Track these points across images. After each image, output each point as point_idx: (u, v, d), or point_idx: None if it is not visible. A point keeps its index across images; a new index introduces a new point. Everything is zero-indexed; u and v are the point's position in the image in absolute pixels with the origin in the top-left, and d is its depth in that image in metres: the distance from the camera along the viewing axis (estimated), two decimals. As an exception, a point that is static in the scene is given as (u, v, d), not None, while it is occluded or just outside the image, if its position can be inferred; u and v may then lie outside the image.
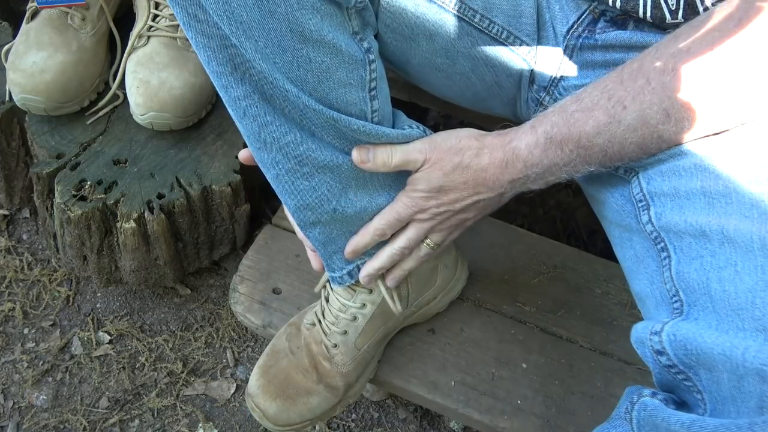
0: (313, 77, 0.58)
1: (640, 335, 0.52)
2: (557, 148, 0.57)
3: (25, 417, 1.04)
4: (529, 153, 0.58)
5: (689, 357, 0.47)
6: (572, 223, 1.27)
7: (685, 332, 0.48)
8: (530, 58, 0.69)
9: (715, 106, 0.52)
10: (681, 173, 0.55)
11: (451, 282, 0.88)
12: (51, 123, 1.01)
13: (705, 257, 0.50)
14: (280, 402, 0.80)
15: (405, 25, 0.67)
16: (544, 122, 0.58)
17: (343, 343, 0.80)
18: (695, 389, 0.48)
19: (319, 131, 0.62)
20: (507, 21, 0.67)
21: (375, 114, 0.63)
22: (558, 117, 0.57)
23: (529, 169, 0.59)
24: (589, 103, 0.55)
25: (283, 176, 0.65)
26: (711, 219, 0.51)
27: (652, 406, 0.49)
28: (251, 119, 0.60)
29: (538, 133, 0.58)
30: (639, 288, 0.59)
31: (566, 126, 0.56)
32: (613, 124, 0.54)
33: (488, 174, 0.61)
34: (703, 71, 0.51)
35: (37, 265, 1.18)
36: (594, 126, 0.55)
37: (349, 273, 0.74)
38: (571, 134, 0.56)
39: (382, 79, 0.64)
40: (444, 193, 0.64)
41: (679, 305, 0.51)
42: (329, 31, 0.57)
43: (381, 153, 0.63)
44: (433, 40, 0.68)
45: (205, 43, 0.56)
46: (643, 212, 0.57)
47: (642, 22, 0.62)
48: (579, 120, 0.55)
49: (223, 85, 0.59)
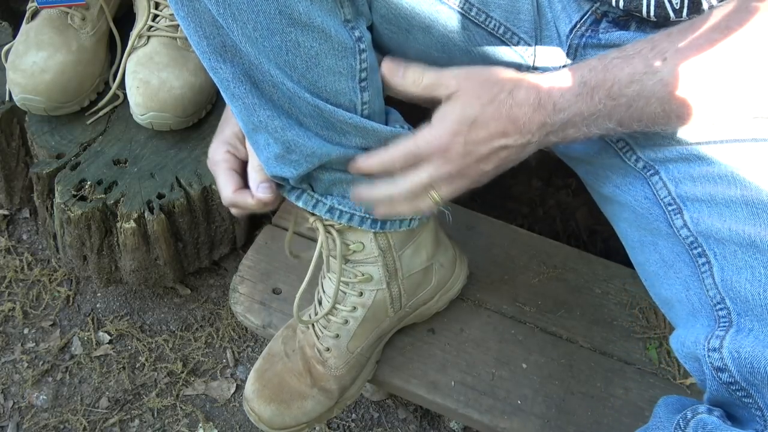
0: (302, 63, 0.57)
1: (692, 350, 0.51)
2: (588, 94, 0.55)
3: (25, 417, 1.04)
4: (561, 95, 0.56)
5: (755, 376, 0.46)
6: (572, 223, 1.27)
7: (750, 350, 0.47)
8: (528, 56, 0.69)
9: (711, 100, 0.51)
10: (716, 180, 0.54)
11: (449, 281, 0.87)
12: (51, 123, 1.01)
13: (757, 268, 0.49)
14: (274, 406, 0.80)
15: (401, 16, 0.66)
16: (583, 66, 0.56)
17: (336, 346, 0.80)
18: (755, 406, 0.47)
19: (307, 120, 0.61)
20: (504, 16, 0.67)
21: (365, 106, 0.63)
22: (597, 62, 0.55)
23: (557, 113, 0.56)
24: (631, 51, 0.54)
25: (272, 161, 0.64)
26: (760, 230, 0.50)
27: (713, 424, 0.47)
28: (240, 102, 0.60)
29: (575, 77, 0.55)
30: (668, 293, 0.58)
31: (603, 71, 0.54)
32: (648, 74, 0.52)
33: (522, 111, 0.56)
34: (700, 68, 0.51)
35: (37, 265, 1.18)
36: (629, 73, 0.53)
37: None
38: (606, 79, 0.54)
39: (374, 72, 0.63)
40: (474, 128, 0.57)
41: (725, 313, 0.50)
42: (319, 15, 0.56)
43: (413, 70, 0.60)
44: (430, 32, 0.67)
45: (196, 24, 0.56)
46: (676, 216, 0.56)
47: (645, 22, 0.61)
48: (617, 66, 0.54)
49: (212, 66, 0.58)
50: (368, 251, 0.72)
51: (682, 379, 0.88)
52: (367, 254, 0.73)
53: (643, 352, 0.91)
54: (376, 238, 0.73)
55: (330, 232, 0.70)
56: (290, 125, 0.60)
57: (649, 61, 0.52)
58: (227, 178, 0.69)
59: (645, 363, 0.90)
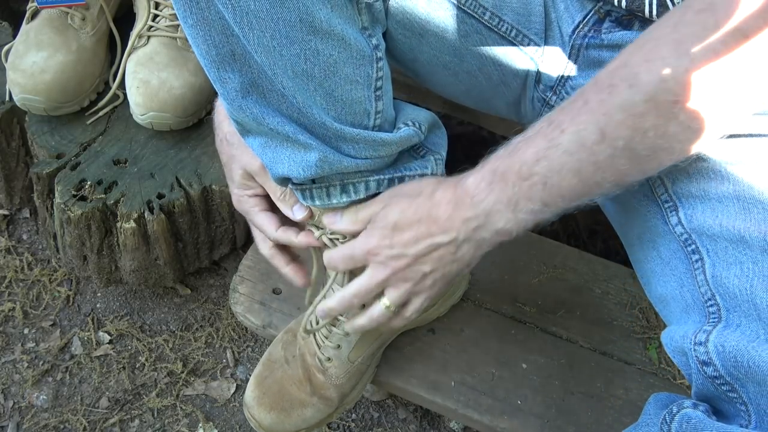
0: (320, 71, 0.56)
1: (680, 344, 0.51)
2: (500, 181, 0.56)
3: (25, 417, 1.04)
4: (476, 187, 0.57)
5: (739, 370, 0.46)
6: (572, 223, 1.27)
7: (734, 344, 0.47)
8: (538, 57, 0.69)
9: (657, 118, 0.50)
10: (710, 175, 0.54)
11: (450, 288, 0.87)
12: (51, 123, 1.01)
13: (746, 263, 0.49)
14: (274, 414, 0.80)
15: (415, 21, 0.66)
16: (491, 157, 0.57)
17: (336, 356, 0.80)
18: (739, 401, 0.47)
19: (317, 130, 0.60)
20: (517, 19, 0.67)
21: (378, 115, 0.62)
22: (503, 150, 0.57)
23: (476, 205, 0.57)
24: (532, 133, 0.55)
25: (280, 162, 0.63)
26: (750, 225, 0.50)
27: (697, 418, 0.47)
28: (246, 112, 0.58)
29: (485, 168, 0.57)
30: (663, 290, 0.58)
31: (508, 156, 0.55)
32: (551, 148, 0.53)
33: (441, 210, 0.59)
34: (646, 80, 0.49)
35: (37, 265, 1.18)
36: (533, 153, 0.54)
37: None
38: (513, 164, 0.55)
39: (387, 80, 0.63)
40: (398, 231, 0.60)
41: (715, 309, 0.50)
42: (338, 23, 0.55)
43: (348, 214, 0.63)
44: (443, 37, 0.67)
45: (205, 32, 0.54)
46: (671, 213, 0.57)
47: (648, 22, 0.61)
48: (520, 149, 0.55)
49: (219, 77, 0.57)
50: None
51: (682, 379, 0.88)
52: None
53: (643, 352, 0.91)
54: None
55: (336, 246, 0.70)
56: (301, 131, 0.60)
57: (549, 136, 0.53)
58: (266, 220, 0.71)
59: (645, 363, 0.90)
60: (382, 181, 0.65)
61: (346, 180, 0.64)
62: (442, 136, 0.72)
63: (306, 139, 0.59)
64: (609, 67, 0.52)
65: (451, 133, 0.73)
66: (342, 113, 0.60)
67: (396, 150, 0.64)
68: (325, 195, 0.64)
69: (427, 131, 0.67)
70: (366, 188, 0.64)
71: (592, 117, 0.51)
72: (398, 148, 0.64)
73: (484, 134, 1.35)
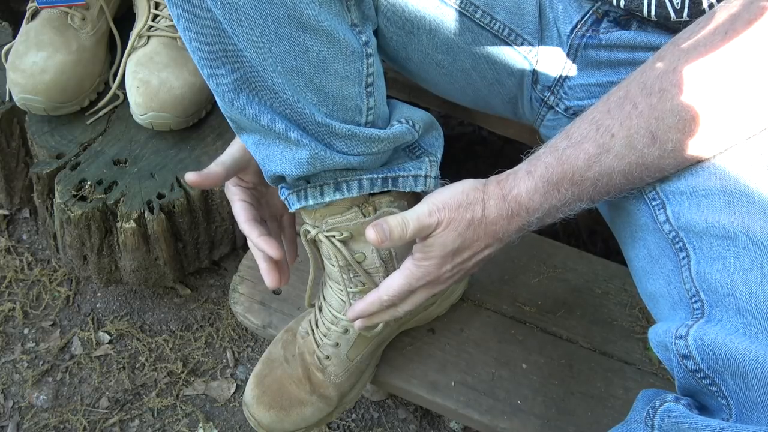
0: (310, 67, 0.57)
1: (662, 339, 0.51)
2: (554, 189, 0.57)
3: (25, 417, 1.04)
4: (530, 199, 0.58)
5: (717, 362, 0.46)
6: (572, 223, 1.27)
7: (713, 337, 0.47)
8: (532, 57, 0.69)
9: (710, 121, 0.51)
10: (698, 171, 0.54)
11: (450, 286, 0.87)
12: (51, 123, 1.01)
13: (728, 258, 0.49)
14: (274, 413, 0.80)
15: (406, 18, 0.66)
16: (539, 165, 0.58)
17: (335, 355, 0.80)
18: (720, 394, 0.47)
19: (309, 127, 0.60)
20: (509, 18, 0.67)
21: (370, 112, 0.62)
22: (551, 157, 0.57)
23: (531, 215, 0.59)
24: (579, 138, 0.56)
25: (272, 160, 0.63)
26: (733, 219, 0.50)
27: (677, 411, 0.48)
28: (239, 109, 0.59)
29: (536, 178, 0.58)
30: (653, 288, 0.58)
31: (560, 165, 0.56)
32: (603, 154, 0.54)
33: (498, 227, 0.60)
34: (697, 85, 0.51)
35: (37, 265, 1.18)
36: (585, 159, 0.55)
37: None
38: (565, 172, 0.56)
39: (379, 77, 0.63)
40: (458, 254, 0.62)
41: (699, 305, 0.50)
42: (327, 19, 0.56)
43: (396, 227, 0.61)
44: (434, 35, 0.68)
45: (197, 30, 0.55)
46: (659, 211, 0.57)
47: (646, 22, 0.61)
48: (570, 156, 0.56)
49: (212, 73, 0.57)
50: (370, 261, 0.72)
51: (682, 379, 0.88)
52: (368, 264, 0.72)
53: (643, 352, 0.91)
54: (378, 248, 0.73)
55: (334, 244, 0.70)
56: (292, 128, 0.60)
57: (599, 141, 0.54)
58: (240, 210, 0.71)
59: (645, 363, 0.90)
60: (375, 180, 0.65)
61: (339, 178, 0.64)
62: (439, 138, 0.72)
63: (297, 136, 0.59)
64: (654, 71, 0.53)
65: (451, 133, 0.73)
66: (333, 109, 0.60)
67: (388, 147, 0.64)
68: (318, 194, 0.64)
69: (422, 131, 0.68)
70: (359, 187, 0.64)
71: (643, 121, 0.52)
72: (391, 146, 0.64)
73: (483, 134, 1.35)
